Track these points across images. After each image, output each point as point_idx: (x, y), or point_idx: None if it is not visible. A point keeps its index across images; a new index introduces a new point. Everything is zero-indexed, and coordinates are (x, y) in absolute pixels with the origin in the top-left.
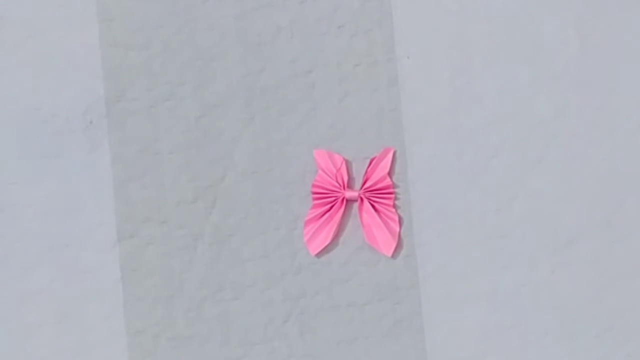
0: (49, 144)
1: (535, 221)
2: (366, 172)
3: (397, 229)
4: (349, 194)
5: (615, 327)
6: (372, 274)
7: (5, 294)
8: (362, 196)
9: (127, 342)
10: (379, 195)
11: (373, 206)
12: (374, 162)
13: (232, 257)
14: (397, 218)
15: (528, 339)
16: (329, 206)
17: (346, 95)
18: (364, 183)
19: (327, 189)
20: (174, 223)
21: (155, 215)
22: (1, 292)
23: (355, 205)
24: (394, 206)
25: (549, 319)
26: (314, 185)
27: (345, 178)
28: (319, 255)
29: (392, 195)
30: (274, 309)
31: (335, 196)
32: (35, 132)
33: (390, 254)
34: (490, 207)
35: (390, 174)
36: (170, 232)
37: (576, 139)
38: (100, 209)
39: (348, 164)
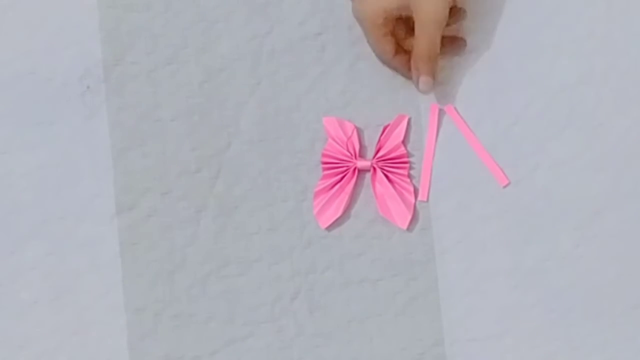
0: (43, 110)
1: (558, 192)
2: (379, 140)
3: (413, 201)
4: (361, 163)
5: None
6: (386, 248)
7: None
8: (375, 166)
9: (126, 319)
10: (393, 164)
11: (387, 176)
12: (387, 129)
13: (238, 230)
14: (412, 189)
15: (550, 317)
16: (339, 176)
17: (358, 59)
18: (377, 152)
19: (337, 159)
20: (176, 194)
21: (156, 185)
22: None
23: (368, 175)
24: (409, 176)
25: (572, 296)
26: (324, 155)
27: (357, 147)
28: (329, 228)
29: (407, 165)
30: (282, 285)
31: (347, 166)
32: (29, 98)
33: (405, 227)
34: (510, 178)
35: (404, 142)
36: (172, 203)
37: (601, 105)
38: (98, 179)
39: (360, 131)
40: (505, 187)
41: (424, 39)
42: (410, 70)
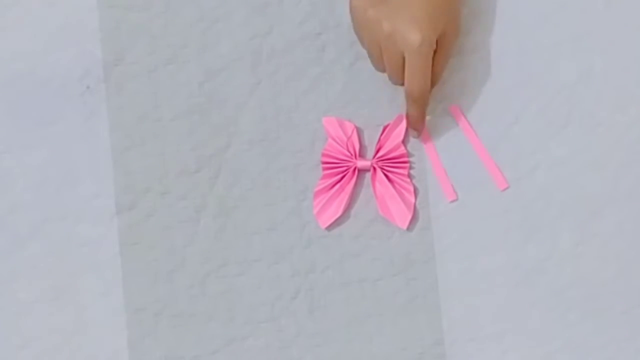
0: (43, 110)
1: (558, 191)
2: (379, 140)
3: (413, 200)
4: (361, 163)
5: None
6: (386, 247)
7: None
8: (375, 165)
9: (126, 319)
10: (393, 164)
11: (387, 176)
12: (387, 129)
13: (237, 230)
14: (412, 188)
15: (550, 316)
16: (339, 176)
17: (358, 59)
18: (377, 152)
19: (337, 158)
20: (175, 194)
21: (156, 185)
22: None
23: (368, 175)
24: (409, 176)
25: (572, 295)
26: (323, 155)
27: (357, 146)
28: (329, 228)
29: (407, 165)
30: (282, 285)
31: (347, 166)
32: (29, 98)
33: (405, 227)
34: (510, 177)
35: (404, 142)
36: (171, 203)
37: (601, 104)
38: (98, 179)
39: (360, 131)
40: (504, 190)
41: (411, 70)
42: None
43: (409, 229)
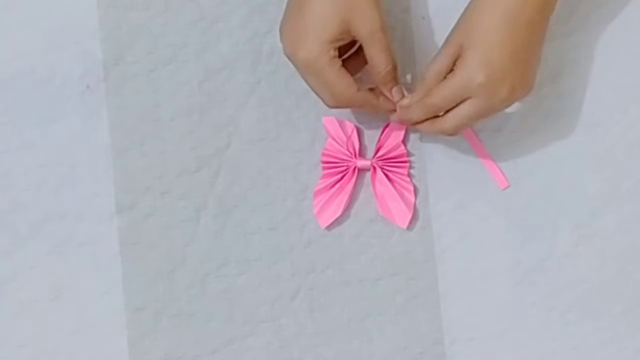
0: (43, 110)
1: (558, 192)
2: (379, 139)
3: (413, 200)
4: (361, 163)
5: None
6: (386, 247)
7: None
8: (375, 165)
9: (126, 319)
10: (393, 164)
11: (387, 175)
12: (387, 129)
13: (238, 229)
14: (412, 188)
15: (550, 315)
16: (339, 176)
17: None
18: (377, 151)
19: (337, 158)
20: (175, 193)
21: (156, 185)
22: None
23: (368, 174)
24: (409, 175)
25: (572, 295)
26: (323, 154)
27: (357, 146)
28: (329, 227)
29: (407, 164)
30: (282, 284)
31: (347, 165)
32: (29, 98)
33: (405, 226)
34: (510, 177)
35: (404, 141)
36: (171, 203)
37: (601, 104)
38: (98, 178)
39: (360, 131)
40: (504, 190)
41: (376, 50)
42: (378, 96)
43: (409, 228)
